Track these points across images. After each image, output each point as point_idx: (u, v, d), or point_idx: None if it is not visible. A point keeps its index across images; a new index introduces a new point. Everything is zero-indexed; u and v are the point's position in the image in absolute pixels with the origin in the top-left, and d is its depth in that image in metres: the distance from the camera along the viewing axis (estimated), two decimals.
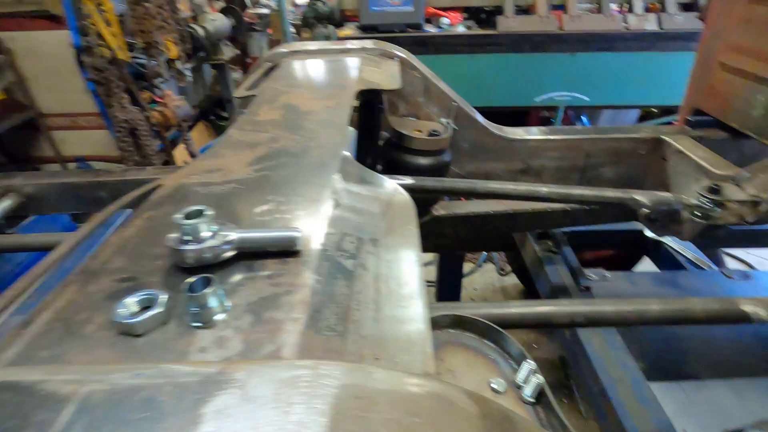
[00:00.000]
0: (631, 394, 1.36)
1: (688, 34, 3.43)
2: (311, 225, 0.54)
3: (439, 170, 1.54)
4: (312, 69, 1.38)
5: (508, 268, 3.43)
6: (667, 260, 2.31)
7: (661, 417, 1.29)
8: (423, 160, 1.51)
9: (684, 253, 2.24)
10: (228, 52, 4.73)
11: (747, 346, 1.66)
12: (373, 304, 0.42)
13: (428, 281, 3.36)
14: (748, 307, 0.91)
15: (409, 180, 1.35)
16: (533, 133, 1.80)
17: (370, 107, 1.41)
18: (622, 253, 2.98)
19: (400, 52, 1.66)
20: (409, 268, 0.50)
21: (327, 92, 1.11)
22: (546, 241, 2.01)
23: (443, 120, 1.66)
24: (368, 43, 1.71)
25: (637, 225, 2.02)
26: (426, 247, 2.52)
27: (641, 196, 1.34)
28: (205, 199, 0.60)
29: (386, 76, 1.32)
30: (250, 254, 0.47)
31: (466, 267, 3.57)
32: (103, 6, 2.66)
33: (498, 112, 3.98)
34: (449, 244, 2.10)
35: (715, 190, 1.32)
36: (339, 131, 0.84)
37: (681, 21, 3.54)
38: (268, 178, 0.66)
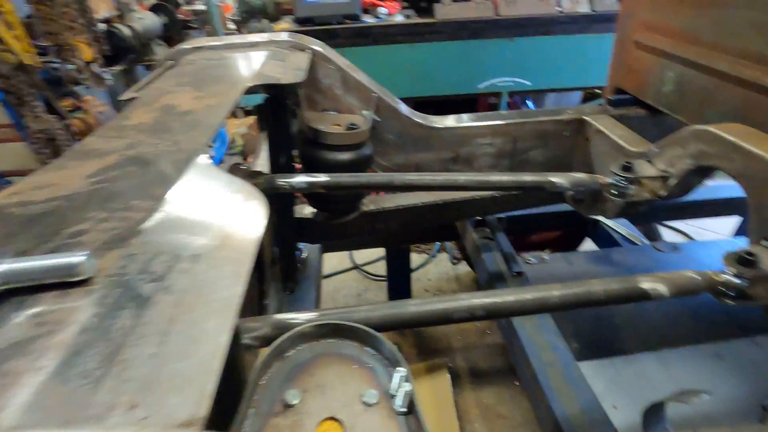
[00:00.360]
0: (561, 376, 1.36)
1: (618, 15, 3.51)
2: (118, 245, 0.47)
3: (361, 164, 1.49)
4: (209, 66, 1.29)
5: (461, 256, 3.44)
6: (604, 238, 2.37)
7: (589, 397, 1.30)
8: (342, 156, 1.45)
9: (619, 230, 2.30)
10: (162, 51, 4.50)
11: (674, 317, 1.70)
12: (159, 336, 0.36)
13: (379, 276, 3.32)
14: (646, 285, 0.91)
15: (323, 177, 1.29)
16: (460, 121, 1.77)
17: (277, 104, 1.34)
18: (567, 233, 3.04)
19: (315, 45, 1.58)
20: (229, 284, 0.44)
21: (215, 90, 1.03)
22: (483, 229, 2.00)
23: (364, 112, 1.60)
24: (283, 36, 1.62)
25: None
26: (360, 244, 2.44)
27: (558, 178, 1.34)
28: (11, 224, 0.52)
29: (288, 70, 1.25)
30: (28, 288, 0.40)
31: (421, 258, 3.56)
32: (2, 8, 2.43)
33: (447, 101, 3.98)
34: (385, 238, 2.06)
35: (627, 168, 1.33)
36: (205, 132, 0.77)
37: (611, 2, 3.62)
38: (101, 192, 0.59)
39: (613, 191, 1.40)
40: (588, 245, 2.80)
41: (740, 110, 1.30)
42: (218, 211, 0.57)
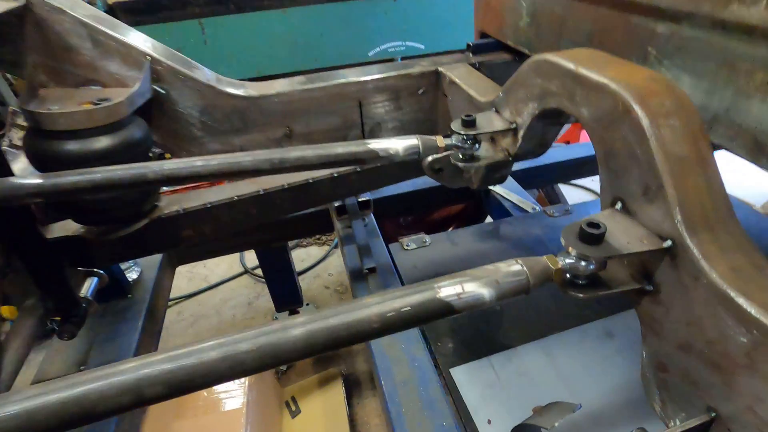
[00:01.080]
0: (417, 398, 1.06)
1: None
2: None
3: (124, 154, 1.06)
4: None
5: None
6: (496, 208, 2.12)
7: (447, 423, 1.01)
8: (87, 145, 1.02)
9: (509, 198, 2.06)
10: None
11: (557, 302, 1.47)
12: None
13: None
14: (444, 294, 0.59)
15: (67, 178, 0.86)
16: (287, 86, 1.39)
17: None
18: (472, 205, 2.79)
19: None
20: None
21: None
22: (344, 216, 1.66)
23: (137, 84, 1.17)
24: None
25: None
26: (214, 251, 1.93)
27: (379, 144, 1.00)
28: None
29: None
30: None
31: (322, 251, 3.20)
32: None
33: None
34: (201, 244, 1.66)
35: (468, 123, 1.02)
36: None
37: None
38: None
39: (459, 155, 1.09)
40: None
41: (593, 34, 1.02)
42: None
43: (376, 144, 1.01)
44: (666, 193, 0.61)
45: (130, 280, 1.72)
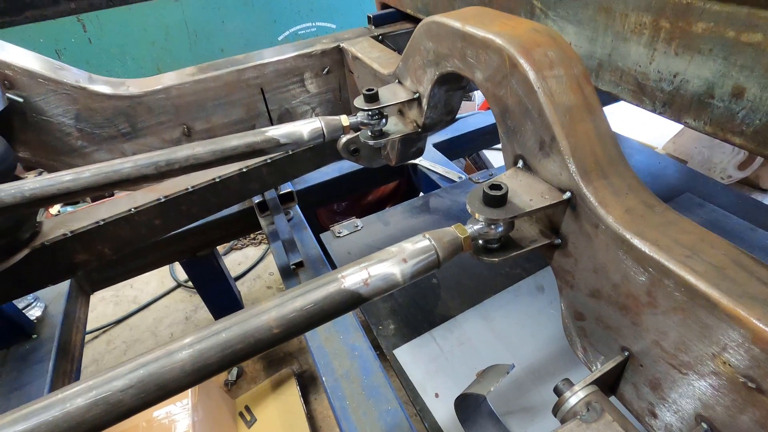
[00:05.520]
0: (360, 389, 1.03)
1: None
2: None
3: None
4: None
5: None
6: (426, 182, 2.12)
7: (392, 408, 0.99)
8: None
9: (436, 170, 2.06)
10: None
11: (490, 266, 1.49)
12: None
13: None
14: (350, 283, 0.55)
15: None
16: (176, 79, 1.26)
17: None
18: (404, 182, 2.78)
19: None
20: None
21: None
22: (266, 213, 1.57)
23: None
24: None
25: None
26: (139, 268, 1.69)
27: (282, 130, 0.93)
28: None
29: None
30: None
31: (259, 251, 3.06)
32: None
33: None
34: (111, 266, 1.52)
35: (370, 98, 0.97)
36: None
37: None
38: None
39: (368, 132, 1.04)
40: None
41: None
42: None
43: (276, 131, 0.93)
44: (559, 145, 0.60)
45: (32, 318, 1.52)
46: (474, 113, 2.53)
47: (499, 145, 3.33)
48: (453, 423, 1.03)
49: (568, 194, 0.61)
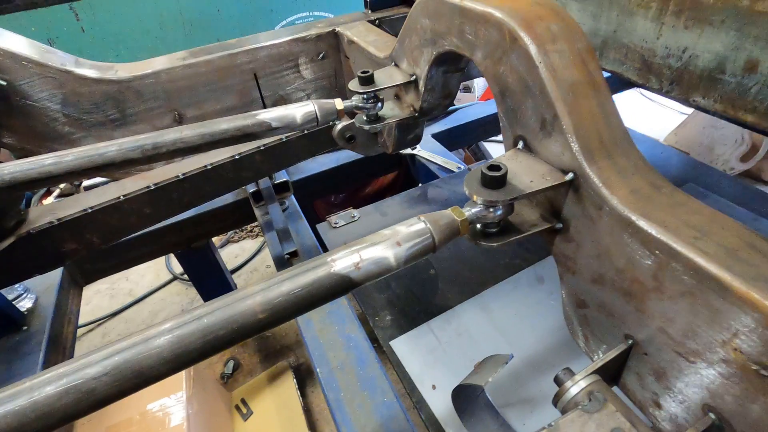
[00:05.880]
0: (355, 381, 1.00)
1: None
2: None
3: None
4: None
5: None
6: (424, 173, 2.09)
7: (389, 400, 0.97)
8: None
9: (435, 161, 2.03)
10: None
11: (489, 256, 1.47)
12: None
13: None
14: (340, 267, 0.52)
15: None
16: (167, 63, 1.22)
17: None
18: (402, 172, 2.75)
19: None
20: None
21: None
22: (261, 203, 1.54)
23: None
24: None
25: None
26: (134, 259, 1.69)
27: (274, 113, 0.90)
28: None
29: None
30: None
31: (256, 243, 3.03)
32: None
33: None
34: (102, 256, 1.49)
35: (365, 80, 0.93)
36: None
37: None
38: None
39: (364, 117, 1.01)
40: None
41: None
42: None
43: (267, 114, 0.90)
44: (561, 123, 0.57)
45: (23, 309, 1.50)
46: (473, 103, 2.49)
47: (499, 137, 3.30)
48: (450, 415, 1.00)
49: (570, 175, 0.58)
